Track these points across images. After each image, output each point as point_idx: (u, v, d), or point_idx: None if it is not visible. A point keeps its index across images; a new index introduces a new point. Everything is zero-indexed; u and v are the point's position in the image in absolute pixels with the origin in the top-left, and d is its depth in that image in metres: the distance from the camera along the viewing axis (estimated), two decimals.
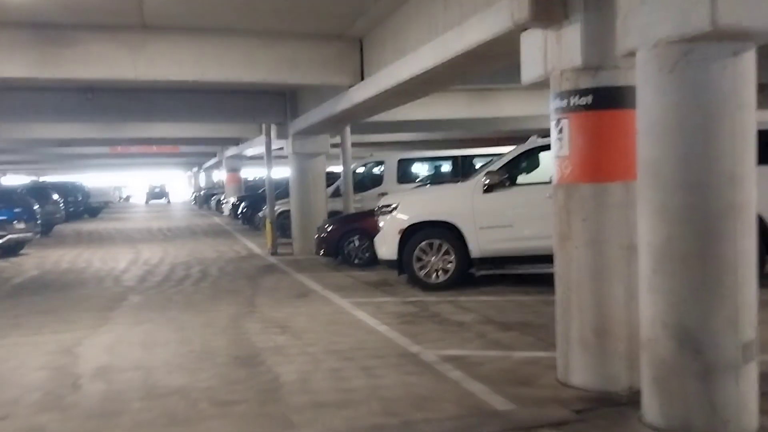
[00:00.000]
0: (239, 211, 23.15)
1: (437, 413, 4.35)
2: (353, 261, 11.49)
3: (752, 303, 3.77)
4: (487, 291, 8.55)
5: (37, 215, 16.29)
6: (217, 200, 32.97)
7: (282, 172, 23.13)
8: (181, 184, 66.85)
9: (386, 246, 8.97)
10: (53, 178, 41.85)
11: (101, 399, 4.90)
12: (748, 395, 3.75)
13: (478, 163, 15.30)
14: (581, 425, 4.12)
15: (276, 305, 8.33)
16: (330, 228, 11.90)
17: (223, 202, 29.82)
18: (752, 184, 3.71)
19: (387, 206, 9.12)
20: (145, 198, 56.81)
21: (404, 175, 15.14)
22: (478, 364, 5.39)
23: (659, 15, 3.63)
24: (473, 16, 5.76)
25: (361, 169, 15.78)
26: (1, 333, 7.15)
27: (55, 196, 22.53)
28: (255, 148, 22.60)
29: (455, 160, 15.35)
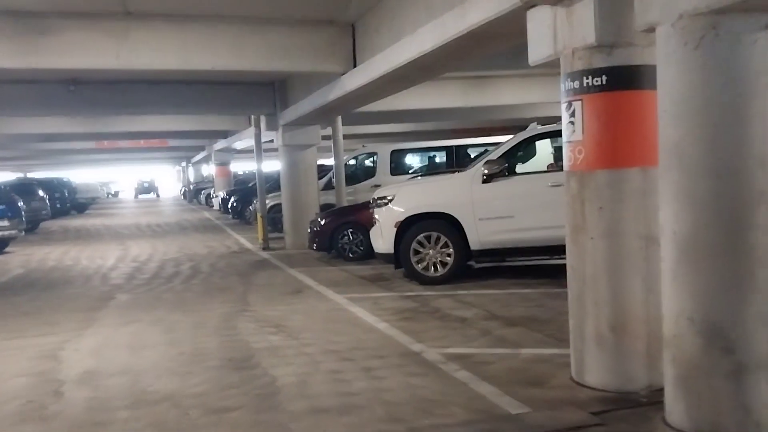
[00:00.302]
0: (229, 205, 22.79)
1: (446, 418, 4.06)
2: (347, 255, 11.20)
3: None
4: (488, 284, 8.27)
5: (22, 212, 15.89)
6: (207, 194, 32.59)
7: (272, 165, 22.79)
8: (171, 178, 66.35)
9: (382, 239, 8.67)
10: (40, 174, 41.33)
11: (86, 408, 4.58)
12: None
13: (473, 153, 15.04)
14: (601, 429, 3.84)
15: (270, 303, 8.01)
16: (323, 221, 11.59)
17: (213, 196, 29.43)
18: None
19: (382, 198, 8.81)
20: (134, 193, 56.63)
21: (398, 167, 14.83)
22: (485, 363, 5.10)
23: None
24: None
25: (353, 161, 15.45)
26: None
27: (41, 193, 22.08)
28: (244, 141, 22.24)
29: (450, 151, 15.05)
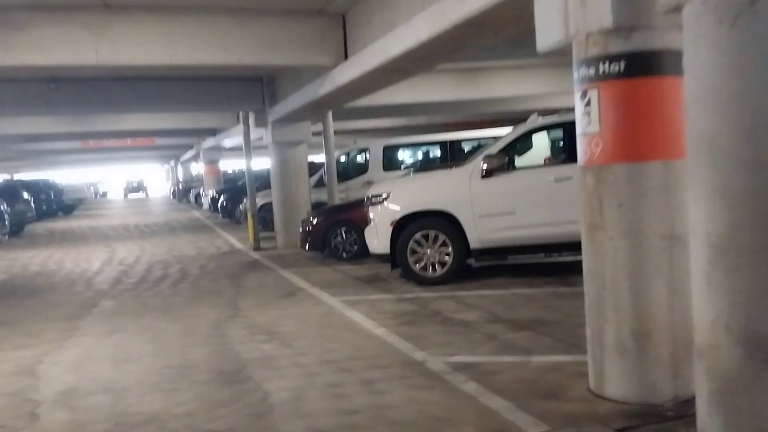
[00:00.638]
0: (219, 204, 22.37)
1: None
2: (341, 255, 10.84)
3: None
4: (489, 284, 7.93)
5: (6, 216, 15.43)
6: (196, 194, 32.13)
7: (262, 163, 22.37)
8: (159, 177, 65.79)
9: (378, 238, 8.31)
10: (26, 175, 40.69)
11: None
12: None
13: (467, 148, 14.72)
14: None
15: (261, 307, 7.64)
16: (315, 220, 11.23)
17: (202, 195, 28.98)
18: None
19: (377, 196, 8.45)
20: (123, 193, 56.34)
21: (390, 162, 14.47)
22: (493, 372, 4.75)
23: None
24: None
25: (344, 158, 15.09)
26: None
27: (26, 195, 21.57)
28: (233, 139, 21.81)
29: (443, 145, 14.70)
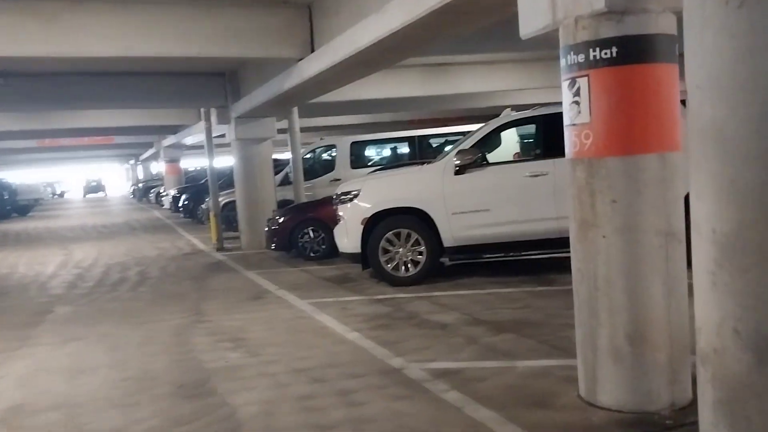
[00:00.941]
0: (180, 203, 21.76)
1: None
2: (308, 255, 10.50)
3: None
4: (464, 284, 7.67)
5: None
6: (157, 193, 31.34)
7: (226, 161, 21.80)
8: (120, 177, 64.41)
9: (348, 238, 7.98)
10: None
11: None
12: None
13: (436, 144, 14.49)
14: None
15: (226, 311, 7.26)
16: (281, 219, 10.85)
17: (163, 194, 28.24)
18: None
19: (347, 193, 8.12)
20: (82, 192, 55.05)
21: (358, 159, 14.13)
22: (477, 379, 4.47)
23: None
24: None
25: (310, 155, 14.71)
26: None
27: None
28: (195, 136, 21.22)
29: (412, 141, 14.42)
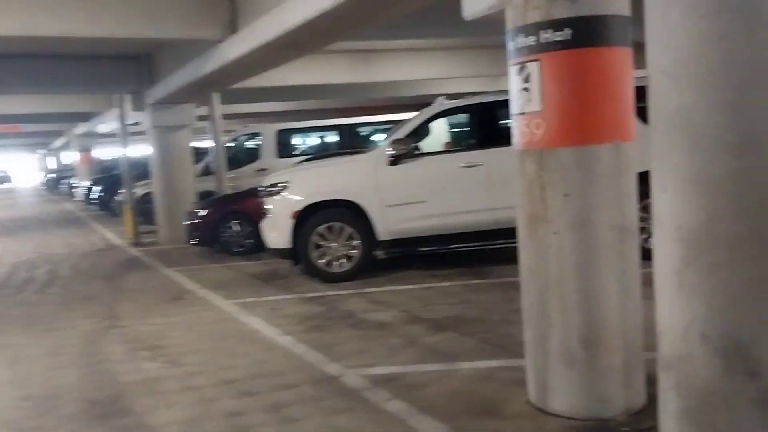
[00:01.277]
0: (94, 195, 20.62)
1: None
2: (233, 250, 9.94)
3: None
4: (400, 278, 7.37)
5: None
6: (69, 184, 29.74)
7: (144, 150, 20.77)
8: (30, 167, 61.13)
9: (277, 232, 7.54)
10: None
11: None
12: None
13: (366, 133, 14.15)
14: None
15: (144, 314, 6.70)
16: (203, 212, 10.25)
17: (76, 185, 26.80)
18: None
19: (274, 185, 7.66)
20: None
21: (285, 148, 13.59)
22: (419, 386, 4.17)
23: None
24: None
25: (233, 143, 14.08)
26: None
27: None
28: (108, 124, 20.09)
29: (342, 130, 13.99)
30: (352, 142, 13.40)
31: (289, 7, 6.07)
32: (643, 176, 3.30)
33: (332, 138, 14.33)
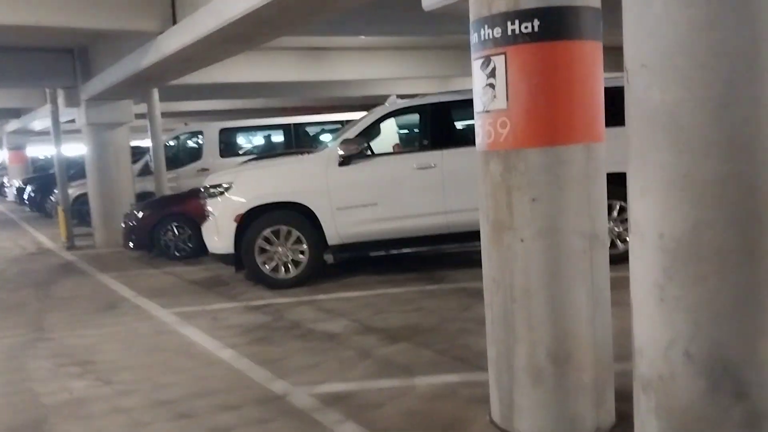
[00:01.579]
0: (26, 195, 19.65)
1: None
2: (173, 254, 9.48)
3: None
4: (350, 284, 7.04)
5: None
6: (1, 183, 28.41)
7: (79, 149, 19.88)
8: None
9: (219, 236, 7.11)
10: None
11: None
12: None
13: (313, 132, 13.79)
14: None
15: (74, 325, 6.20)
16: (141, 214, 9.75)
17: (7, 185, 25.58)
18: None
19: (217, 186, 7.23)
20: None
21: (228, 148, 13.14)
22: (374, 405, 3.86)
23: None
24: None
25: (174, 142, 13.54)
26: None
27: None
28: (42, 120, 19.15)
29: (287, 129, 13.59)
30: (299, 141, 13.05)
31: None
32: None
33: (278, 137, 13.92)
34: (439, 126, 7.04)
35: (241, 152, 13.37)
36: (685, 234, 2.52)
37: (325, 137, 12.54)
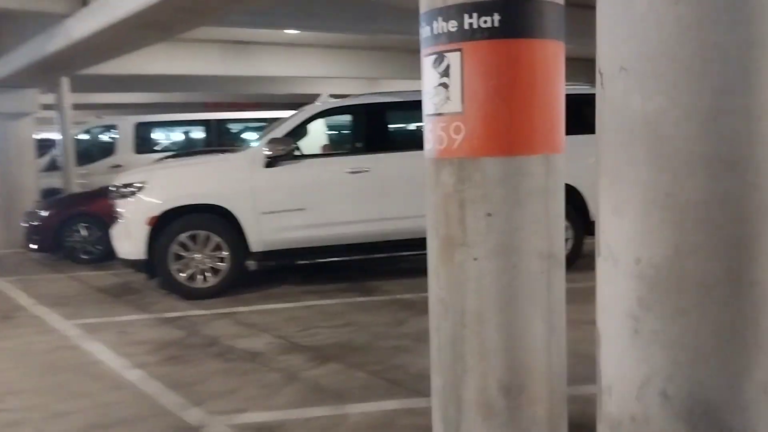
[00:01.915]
0: None
1: None
2: (80, 257, 8.78)
3: None
4: (274, 294, 6.59)
5: None
6: None
7: None
8: None
9: (130, 241, 6.50)
10: None
11: None
12: None
13: (236, 130, 13.21)
14: None
15: None
16: (46, 213, 9.04)
17: None
18: None
19: (128, 185, 6.63)
20: None
21: (144, 143, 12.41)
22: None
23: None
24: None
25: (85, 135, 12.70)
26: None
27: None
28: None
29: (208, 126, 12.95)
30: (221, 139, 12.46)
31: None
32: None
33: (198, 134, 13.25)
34: (375, 128, 6.70)
35: (157, 149, 12.64)
36: (665, 260, 2.24)
37: (250, 135, 12.00)
